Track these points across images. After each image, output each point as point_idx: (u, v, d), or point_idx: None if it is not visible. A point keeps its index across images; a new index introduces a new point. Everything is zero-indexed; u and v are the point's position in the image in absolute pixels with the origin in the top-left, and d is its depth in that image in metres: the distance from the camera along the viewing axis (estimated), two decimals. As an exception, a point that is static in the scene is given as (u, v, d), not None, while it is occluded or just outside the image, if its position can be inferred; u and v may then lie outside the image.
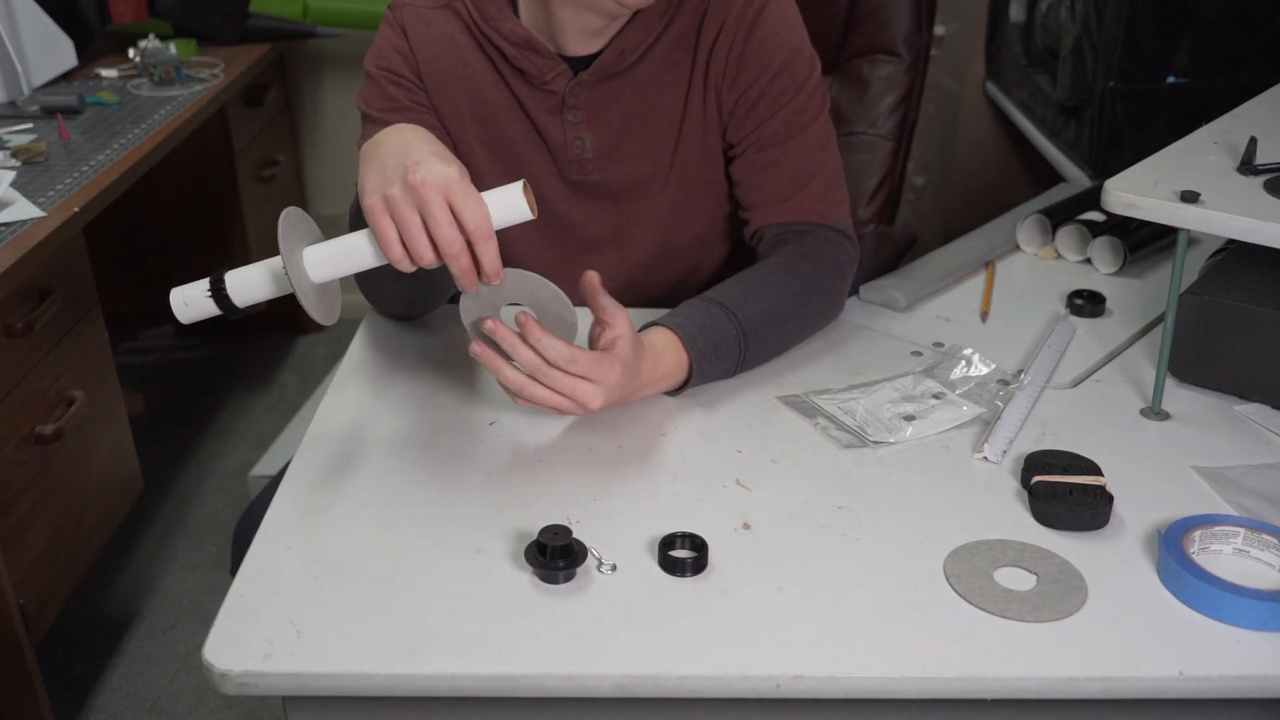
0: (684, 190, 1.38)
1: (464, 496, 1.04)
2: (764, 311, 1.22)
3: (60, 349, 1.77)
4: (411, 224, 0.99)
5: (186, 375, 2.96)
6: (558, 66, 1.30)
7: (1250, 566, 0.96)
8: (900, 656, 0.86)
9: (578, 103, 1.32)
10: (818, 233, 1.32)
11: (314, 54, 3.04)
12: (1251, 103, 1.39)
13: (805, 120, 1.33)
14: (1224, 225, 1.09)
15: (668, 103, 1.33)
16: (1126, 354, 1.31)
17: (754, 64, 1.31)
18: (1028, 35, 2.38)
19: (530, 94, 1.33)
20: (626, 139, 1.34)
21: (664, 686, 0.85)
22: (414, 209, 0.99)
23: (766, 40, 1.31)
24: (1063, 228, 1.56)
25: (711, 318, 1.19)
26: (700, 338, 1.17)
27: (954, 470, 1.09)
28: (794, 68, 1.32)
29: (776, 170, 1.33)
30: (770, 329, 1.23)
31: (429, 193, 0.98)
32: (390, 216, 1.00)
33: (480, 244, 1.00)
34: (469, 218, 0.99)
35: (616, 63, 1.30)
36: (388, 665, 0.85)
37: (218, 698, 1.93)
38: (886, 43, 1.77)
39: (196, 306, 1.07)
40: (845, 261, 1.33)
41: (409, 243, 1.00)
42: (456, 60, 1.33)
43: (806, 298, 1.27)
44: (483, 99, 1.34)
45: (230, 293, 1.06)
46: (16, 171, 1.84)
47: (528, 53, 1.29)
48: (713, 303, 1.21)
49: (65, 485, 1.78)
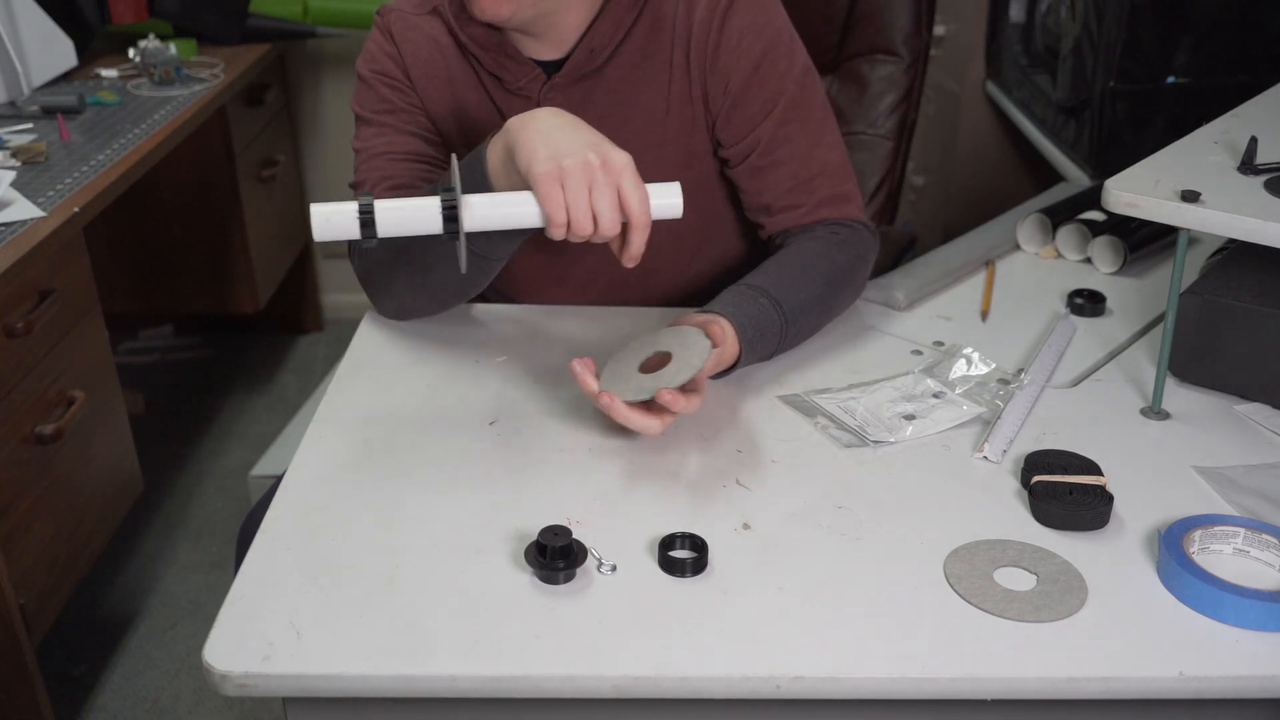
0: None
1: (464, 496, 1.04)
2: (803, 301, 1.26)
3: (60, 349, 1.77)
4: (582, 197, 1.04)
5: (186, 375, 2.96)
6: (531, 71, 1.30)
7: (1250, 566, 0.96)
8: (900, 656, 0.86)
9: (552, 105, 1.30)
10: (841, 225, 1.34)
11: (314, 54, 3.04)
12: (1251, 103, 1.39)
13: (800, 113, 1.32)
14: (1224, 225, 1.09)
15: (646, 100, 1.32)
16: (1127, 353, 1.31)
17: (730, 53, 1.29)
18: (1028, 35, 2.38)
19: (506, 99, 1.32)
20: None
21: (664, 687, 0.85)
22: (586, 184, 1.04)
23: (743, 30, 1.29)
24: (1063, 227, 1.56)
25: (760, 308, 1.23)
26: (750, 327, 1.21)
27: (954, 470, 1.09)
28: (774, 55, 1.30)
29: (782, 172, 1.33)
30: (805, 317, 1.27)
31: (605, 173, 1.04)
32: (561, 185, 1.04)
33: (636, 230, 1.07)
34: (635, 205, 1.06)
35: (587, 62, 1.29)
36: (388, 666, 0.85)
37: (218, 698, 1.93)
38: (886, 42, 1.76)
39: (339, 224, 1.05)
40: (870, 249, 1.35)
41: (574, 213, 1.05)
42: (441, 65, 1.33)
43: (837, 287, 1.31)
44: (464, 104, 1.34)
45: (378, 219, 1.05)
46: (16, 171, 1.84)
47: (500, 57, 1.29)
48: (761, 292, 1.24)
49: (65, 485, 1.78)
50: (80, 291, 1.84)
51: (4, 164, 1.88)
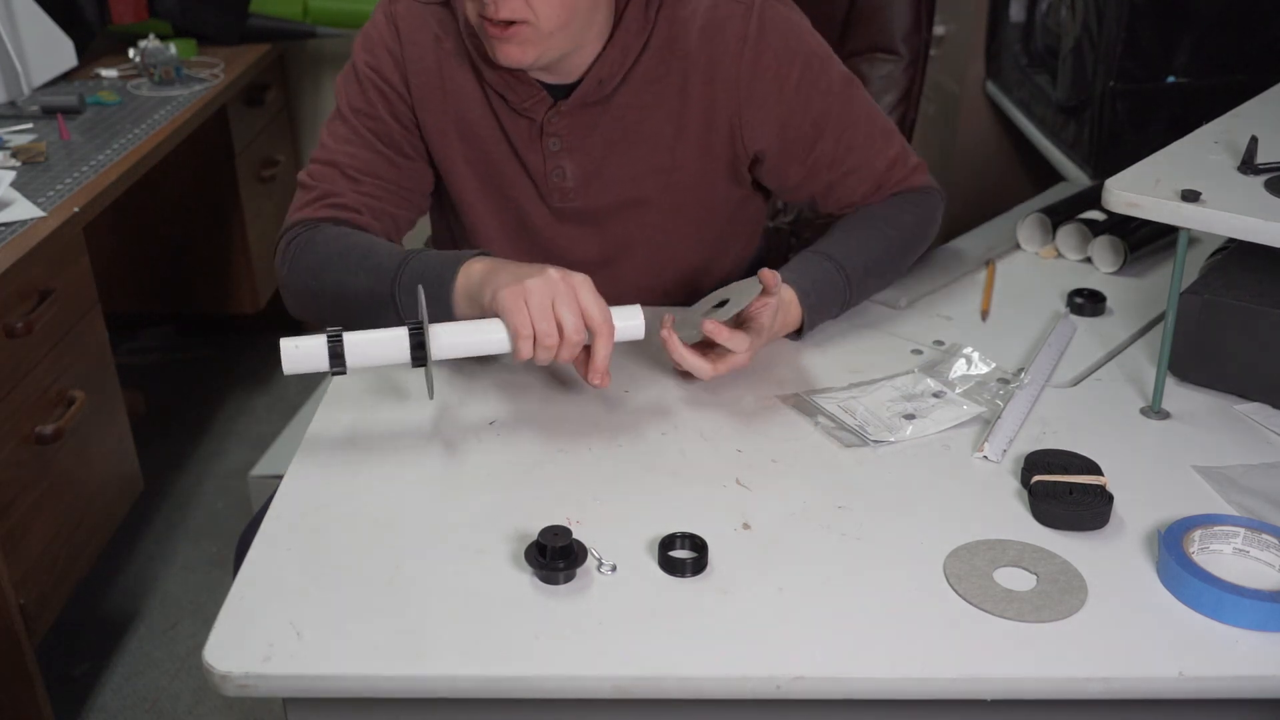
0: (675, 211, 1.37)
1: (464, 496, 1.04)
2: (867, 264, 1.33)
3: (60, 349, 1.77)
4: (545, 307, 1.08)
5: (186, 375, 2.95)
6: (537, 93, 1.29)
7: (1250, 566, 0.96)
8: (900, 656, 0.86)
9: (557, 130, 1.30)
10: (909, 190, 1.40)
11: (314, 54, 3.03)
12: (1251, 102, 1.39)
13: (852, 121, 1.35)
14: (1224, 224, 1.09)
15: (653, 125, 1.31)
16: (1126, 353, 1.31)
17: (768, 83, 1.29)
18: (1028, 35, 2.38)
19: (510, 118, 1.31)
20: (610, 165, 1.33)
21: (664, 687, 0.85)
22: (549, 296, 1.08)
23: (778, 57, 1.29)
24: (1063, 227, 1.56)
25: (824, 272, 1.30)
26: (814, 292, 1.28)
27: (954, 470, 1.09)
28: (812, 75, 1.31)
29: (856, 179, 1.37)
30: (869, 278, 1.35)
31: (566, 286, 1.08)
32: (525, 300, 1.08)
33: (601, 340, 1.10)
34: (596, 314, 1.09)
35: (595, 91, 1.28)
36: (388, 666, 0.85)
37: (218, 698, 1.93)
38: (885, 41, 1.76)
39: (308, 356, 1.08)
40: (936, 207, 1.43)
41: (538, 323, 1.08)
42: (445, 74, 1.31)
43: (903, 248, 1.38)
44: (468, 119, 1.32)
45: (347, 352, 1.08)
46: (16, 171, 1.84)
47: (506, 76, 1.28)
48: (825, 257, 1.31)
49: (65, 485, 1.78)
50: (80, 291, 1.84)
51: (4, 164, 1.89)
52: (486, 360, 1.27)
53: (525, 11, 1.16)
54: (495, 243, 1.38)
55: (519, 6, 1.16)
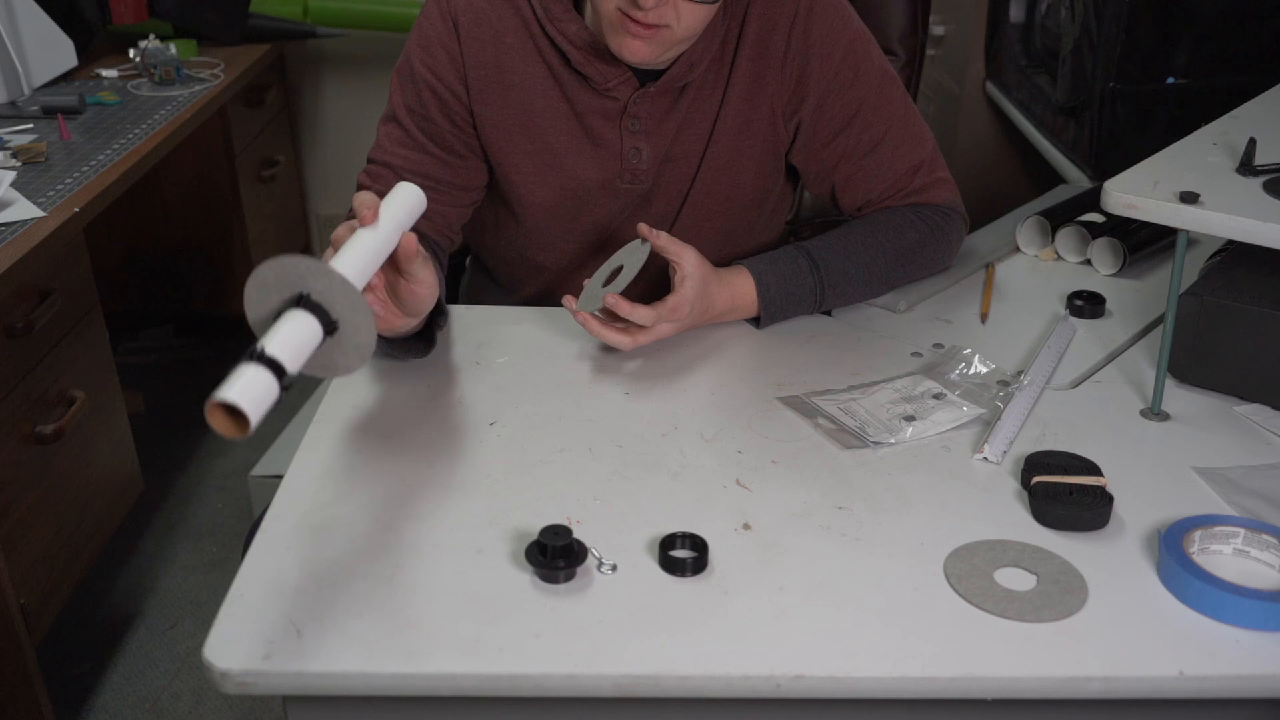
0: (724, 197, 1.39)
1: (464, 496, 1.05)
2: (850, 270, 1.33)
3: (60, 349, 1.77)
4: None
5: (186, 375, 2.95)
6: (623, 74, 1.30)
7: (1250, 567, 0.96)
8: (900, 656, 0.86)
9: (639, 112, 1.32)
10: (927, 206, 1.39)
11: (314, 54, 3.04)
12: (1251, 103, 1.39)
13: (883, 115, 1.36)
14: (1223, 226, 1.09)
15: (707, 106, 1.34)
16: (1126, 355, 1.31)
17: (818, 61, 1.32)
18: (1027, 35, 2.39)
19: (589, 99, 1.32)
20: (676, 146, 1.35)
21: (664, 686, 0.85)
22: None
23: (824, 36, 1.32)
24: (1062, 229, 1.56)
25: (795, 268, 1.31)
26: (775, 285, 1.30)
27: (954, 471, 1.09)
28: (853, 59, 1.33)
29: (876, 177, 1.38)
30: (852, 284, 1.35)
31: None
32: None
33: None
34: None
35: (684, 75, 1.30)
36: (388, 665, 0.85)
37: (218, 697, 1.93)
38: (882, 41, 1.75)
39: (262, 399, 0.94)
40: (950, 229, 1.42)
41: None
42: (507, 68, 1.31)
43: (898, 261, 1.37)
44: (530, 109, 1.32)
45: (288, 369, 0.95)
46: (17, 171, 1.84)
47: (592, 58, 1.28)
48: (803, 253, 1.33)
49: (65, 485, 1.78)
50: (80, 291, 1.84)
51: (4, 164, 1.89)
52: (486, 360, 1.27)
53: (671, 18, 1.19)
54: (550, 227, 1.40)
55: (667, 13, 1.19)
